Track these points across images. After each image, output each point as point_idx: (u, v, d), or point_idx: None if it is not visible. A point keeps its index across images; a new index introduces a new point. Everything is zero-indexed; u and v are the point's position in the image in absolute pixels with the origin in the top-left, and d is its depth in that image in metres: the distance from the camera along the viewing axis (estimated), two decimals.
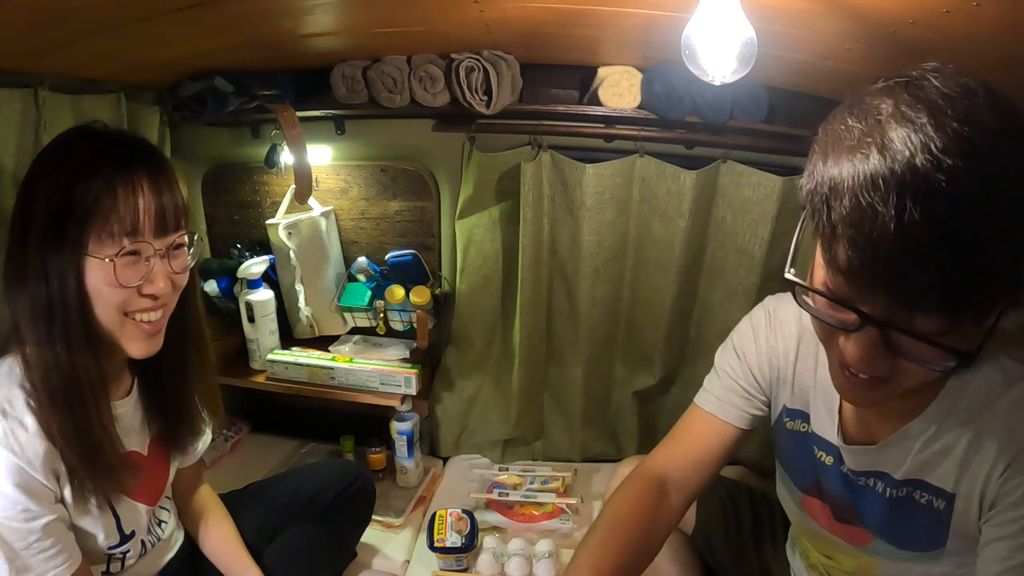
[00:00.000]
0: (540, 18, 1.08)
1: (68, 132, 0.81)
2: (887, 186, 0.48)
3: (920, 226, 0.47)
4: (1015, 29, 0.74)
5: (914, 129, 0.48)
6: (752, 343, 0.89)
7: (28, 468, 0.72)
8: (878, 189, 0.48)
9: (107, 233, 0.74)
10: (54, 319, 0.75)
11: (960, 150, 0.47)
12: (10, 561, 0.72)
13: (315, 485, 1.19)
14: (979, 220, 0.47)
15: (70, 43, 0.97)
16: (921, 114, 0.49)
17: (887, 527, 0.78)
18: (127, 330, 0.80)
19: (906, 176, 0.47)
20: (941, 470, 0.70)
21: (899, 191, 0.47)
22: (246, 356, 1.59)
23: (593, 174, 1.41)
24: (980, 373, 0.67)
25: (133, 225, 0.76)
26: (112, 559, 0.87)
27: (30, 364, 0.75)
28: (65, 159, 0.77)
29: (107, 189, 0.74)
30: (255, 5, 0.98)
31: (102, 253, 0.75)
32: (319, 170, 1.59)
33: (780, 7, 0.87)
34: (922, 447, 0.71)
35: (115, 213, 0.74)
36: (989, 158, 0.47)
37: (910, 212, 0.47)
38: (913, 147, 0.47)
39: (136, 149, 0.80)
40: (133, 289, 0.78)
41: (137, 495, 0.90)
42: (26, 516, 0.72)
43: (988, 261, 0.48)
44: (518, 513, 1.45)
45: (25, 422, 0.73)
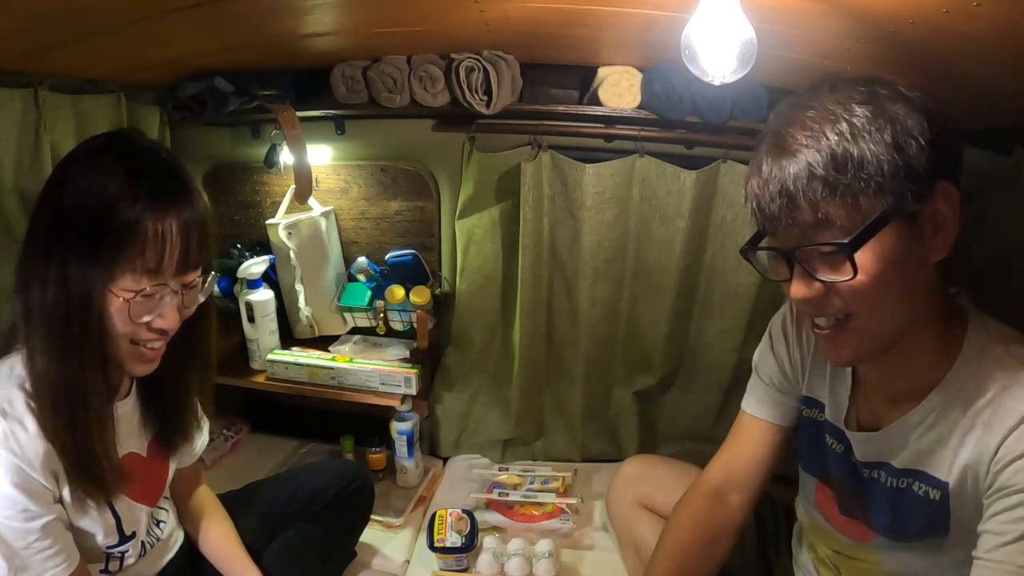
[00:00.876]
0: (540, 18, 1.08)
1: (106, 142, 0.79)
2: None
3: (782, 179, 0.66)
4: (1015, 29, 0.74)
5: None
6: (781, 340, 0.93)
7: (28, 468, 0.72)
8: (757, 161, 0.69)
9: (131, 270, 0.75)
10: (69, 332, 0.74)
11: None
12: (9, 560, 0.72)
13: (315, 485, 1.19)
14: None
15: (70, 43, 0.97)
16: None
17: (889, 521, 0.80)
18: (130, 354, 0.81)
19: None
20: (937, 460, 0.73)
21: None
22: (246, 356, 1.59)
23: (593, 174, 1.41)
24: (983, 368, 0.69)
25: (157, 266, 0.76)
26: (111, 558, 0.87)
27: (37, 370, 0.75)
28: (104, 179, 0.74)
29: (139, 229, 0.74)
30: (255, 5, 0.98)
31: (121, 288, 0.75)
32: (319, 170, 1.59)
33: (780, 7, 0.87)
34: (920, 435, 0.74)
35: (141, 255, 0.74)
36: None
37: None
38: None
39: (176, 185, 0.79)
40: (143, 323, 0.79)
41: (136, 496, 0.90)
42: (25, 516, 0.73)
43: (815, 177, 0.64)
44: (518, 513, 1.45)
45: (25, 423, 0.73)
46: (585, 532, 1.42)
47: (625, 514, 1.27)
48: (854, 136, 0.63)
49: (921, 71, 1.00)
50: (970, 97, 1.08)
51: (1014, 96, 0.97)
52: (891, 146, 0.63)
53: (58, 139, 1.06)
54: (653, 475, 1.28)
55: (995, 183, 1.13)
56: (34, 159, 1.03)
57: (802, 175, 0.64)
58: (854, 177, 0.63)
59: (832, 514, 0.88)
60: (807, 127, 0.66)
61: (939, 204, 0.66)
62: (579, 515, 1.44)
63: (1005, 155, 1.11)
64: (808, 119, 0.66)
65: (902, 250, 0.65)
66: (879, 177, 0.62)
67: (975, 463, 0.69)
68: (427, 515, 1.45)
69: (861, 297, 0.67)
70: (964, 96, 1.08)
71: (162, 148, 0.83)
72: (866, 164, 0.62)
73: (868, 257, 0.65)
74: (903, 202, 0.63)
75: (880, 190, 0.63)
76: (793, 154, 0.65)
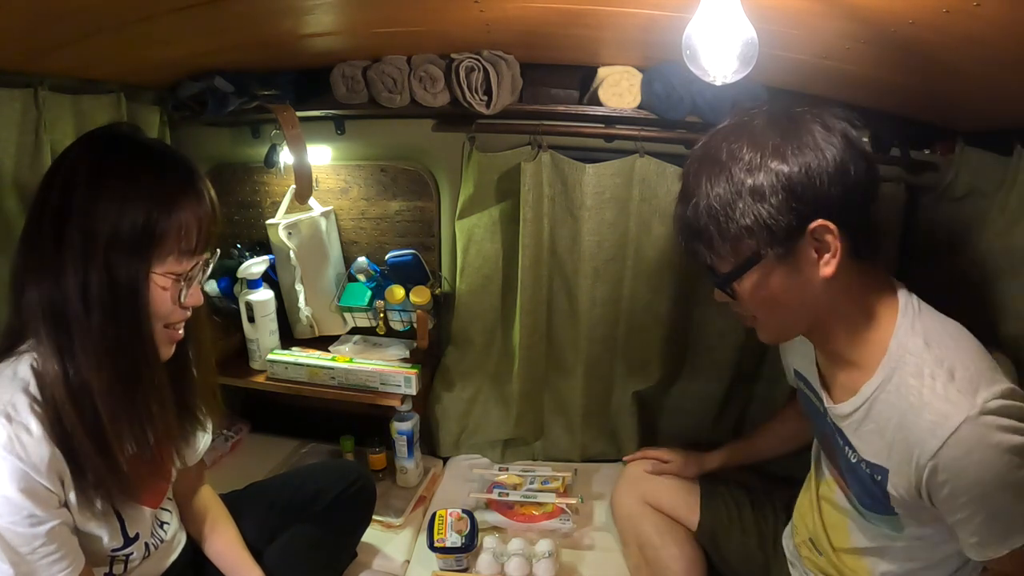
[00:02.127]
0: (540, 18, 1.08)
1: (115, 140, 0.80)
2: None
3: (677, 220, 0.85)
4: (1015, 29, 0.74)
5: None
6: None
7: (33, 473, 0.72)
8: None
9: (173, 252, 0.79)
10: (119, 329, 0.76)
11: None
12: (15, 566, 0.72)
13: (315, 485, 1.19)
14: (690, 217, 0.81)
15: (70, 43, 0.97)
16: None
17: (850, 484, 0.90)
18: (162, 337, 0.84)
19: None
20: (875, 448, 0.82)
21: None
22: (246, 356, 1.59)
23: (593, 174, 1.41)
24: (904, 376, 0.77)
25: (191, 248, 0.81)
26: (115, 561, 0.87)
27: (81, 374, 0.75)
28: (126, 178, 0.76)
29: (180, 212, 0.78)
30: (255, 5, 0.98)
31: (166, 272, 0.79)
32: (319, 170, 1.59)
33: (780, 7, 0.87)
34: (859, 424, 0.84)
35: (186, 236, 0.79)
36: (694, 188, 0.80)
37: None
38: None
39: (188, 165, 0.83)
40: (178, 304, 0.82)
41: (141, 498, 0.90)
42: (31, 521, 0.72)
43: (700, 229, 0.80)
44: (518, 513, 1.45)
45: (30, 426, 0.73)
46: (585, 532, 1.42)
47: (631, 512, 1.28)
48: (732, 195, 0.76)
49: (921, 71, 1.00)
50: (970, 97, 1.08)
51: (1014, 96, 0.97)
52: (754, 206, 0.75)
53: (58, 139, 1.06)
54: (659, 480, 1.29)
55: (995, 183, 1.14)
56: (34, 159, 1.03)
57: (687, 228, 0.82)
58: (726, 229, 0.77)
59: (827, 458, 0.98)
60: (698, 177, 0.79)
61: (812, 240, 0.76)
62: (579, 515, 1.44)
63: (1005, 155, 1.11)
64: (701, 169, 0.80)
65: (781, 278, 0.78)
66: (749, 229, 0.75)
67: (906, 465, 0.77)
68: (427, 515, 1.45)
69: (754, 311, 0.84)
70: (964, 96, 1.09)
71: (141, 132, 0.86)
72: (738, 219, 0.76)
73: (746, 286, 0.80)
74: (773, 245, 0.76)
75: (751, 236, 0.76)
76: (687, 201, 0.81)
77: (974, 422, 0.70)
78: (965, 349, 0.77)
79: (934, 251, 1.35)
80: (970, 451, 0.70)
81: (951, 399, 0.72)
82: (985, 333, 0.85)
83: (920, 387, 0.75)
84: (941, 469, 0.72)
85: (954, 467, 0.71)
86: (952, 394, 0.72)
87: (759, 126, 0.77)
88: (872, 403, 0.81)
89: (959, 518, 0.75)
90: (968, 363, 0.74)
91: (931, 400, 0.73)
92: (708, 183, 0.78)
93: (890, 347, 0.79)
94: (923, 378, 0.75)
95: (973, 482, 0.71)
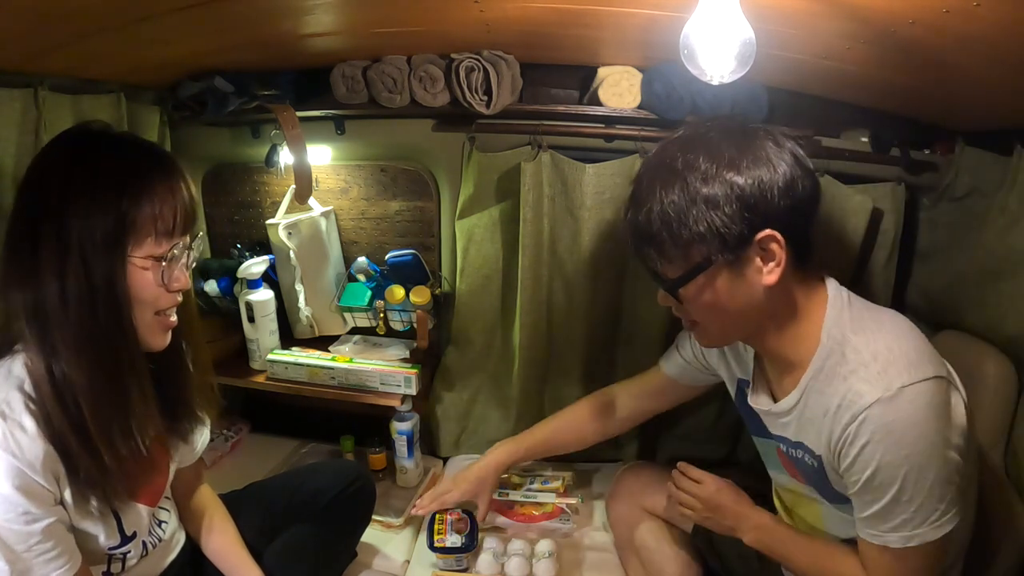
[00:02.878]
0: (540, 18, 1.08)
1: (81, 137, 0.81)
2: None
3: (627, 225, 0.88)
4: (1015, 29, 0.74)
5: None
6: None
7: (28, 471, 0.72)
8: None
9: (150, 234, 0.78)
10: (98, 322, 0.76)
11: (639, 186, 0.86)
12: (11, 564, 0.72)
13: (315, 485, 1.19)
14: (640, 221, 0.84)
15: (70, 43, 0.97)
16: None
17: (807, 478, 0.95)
18: (155, 326, 0.84)
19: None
20: (812, 436, 0.87)
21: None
22: (246, 356, 1.59)
23: (593, 174, 1.41)
24: (833, 365, 0.82)
25: (173, 225, 0.80)
26: (112, 559, 0.87)
27: (63, 370, 0.75)
28: (92, 171, 0.77)
29: (152, 191, 0.78)
30: (255, 5, 0.98)
31: (144, 256, 0.79)
32: (319, 170, 1.59)
33: (780, 7, 0.87)
34: (799, 415, 0.89)
35: (161, 216, 0.79)
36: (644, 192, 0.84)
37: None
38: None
39: (158, 148, 0.85)
40: (164, 287, 0.81)
41: (138, 496, 0.90)
42: (26, 519, 0.72)
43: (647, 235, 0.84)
44: (518, 513, 1.45)
45: (25, 424, 0.73)
46: (585, 532, 1.42)
47: (626, 516, 1.29)
48: (687, 202, 0.79)
49: (921, 71, 1.00)
50: (970, 97, 1.08)
51: (1014, 96, 0.97)
52: (707, 213, 0.78)
53: None
54: (654, 479, 1.29)
55: (995, 183, 1.13)
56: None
57: (638, 233, 0.84)
58: (678, 235, 0.80)
59: (790, 468, 1.00)
60: (652, 185, 0.82)
61: (759, 248, 0.80)
62: (579, 515, 1.44)
63: (1005, 155, 1.11)
64: (656, 176, 0.82)
65: (726, 283, 0.82)
66: (701, 236, 0.79)
67: (827, 444, 0.83)
68: (427, 515, 1.45)
69: (698, 315, 0.87)
70: (964, 96, 1.09)
71: (111, 128, 0.87)
72: (691, 225, 0.79)
73: (692, 291, 0.84)
74: (723, 252, 0.79)
75: (703, 243, 0.79)
76: (640, 207, 0.83)
77: (886, 403, 0.75)
78: (893, 336, 0.80)
79: (934, 251, 1.35)
80: (875, 431, 0.76)
81: (869, 380, 0.77)
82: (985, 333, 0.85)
83: (844, 372, 0.80)
84: (848, 443, 0.79)
85: (858, 442, 0.78)
86: (871, 375, 0.77)
87: (714, 138, 0.81)
88: (807, 394, 0.86)
89: (852, 492, 0.82)
90: (893, 347, 0.78)
91: (852, 382, 0.79)
92: (662, 190, 0.80)
93: (821, 339, 0.84)
94: (847, 363, 0.80)
95: (871, 459, 0.77)
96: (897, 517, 0.79)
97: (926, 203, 1.36)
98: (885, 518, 0.80)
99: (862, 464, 0.78)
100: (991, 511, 0.96)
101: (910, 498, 0.77)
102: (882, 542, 0.81)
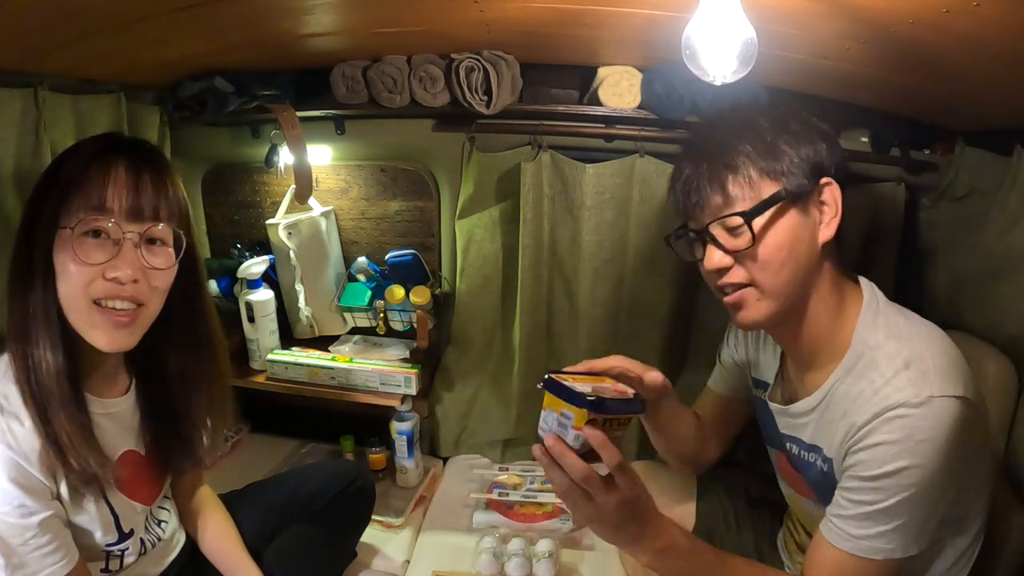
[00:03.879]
0: (540, 18, 1.08)
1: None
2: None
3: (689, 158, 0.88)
4: (1015, 29, 0.74)
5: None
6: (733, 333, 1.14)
7: (24, 463, 0.72)
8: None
9: (75, 208, 0.77)
10: (31, 298, 0.77)
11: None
12: (6, 557, 0.72)
13: (315, 485, 1.19)
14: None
15: (70, 43, 0.97)
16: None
17: (811, 486, 0.93)
18: (94, 318, 0.78)
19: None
20: (828, 438, 0.85)
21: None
22: (246, 356, 1.59)
23: (593, 174, 1.41)
24: (864, 368, 0.80)
25: (100, 203, 0.77)
26: (110, 557, 0.87)
27: (15, 360, 0.77)
28: (62, 155, 0.81)
29: (82, 168, 0.78)
30: (255, 5, 0.98)
31: (66, 224, 0.77)
32: (319, 170, 1.59)
33: (780, 7, 0.87)
34: (819, 415, 0.87)
35: (82, 189, 0.77)
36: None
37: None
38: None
39: (127, 141, 0.84)
40: (97, 271, 0.77)
41: (134, 494, 0.90)
42: (22, 512, 0.72)
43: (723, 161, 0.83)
44: (518, 513, 1.45)
45: (21, 417, 0.73)
46: (585, 532, 1.42)
47: None
48: (771, 133, 0.81)
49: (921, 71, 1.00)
50: (970, 97, 1.08)
51: (1014, 96, 0.97)
52: (790, 143, 0.81)
53: (58, 139, 1.06)
54: (655, 479, 1.28)
55: (995, 183, 1.13)
56: (34, 159, 1.03)
57: (714, 161, 0.82)
58: (756, 163, 0.80)
59: (792, 477, 0.99)
60: (723, 124, 0.86)
61: (824, 195, 0.82)
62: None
63: (1005, 155, 1.11)
64: (726, 119, 0.87)
65: (793, 226, 0.81)
66: (782, 166, 0.80)
67: (840, 442, 0.81)
68: (427, 515, 1.45)
69: (761, 266, 0.82)
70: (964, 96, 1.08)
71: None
72: (778, 153, 0.80)
73: (762, 224, 0.81)
74: (795, 187, 0.80)
75: (776, 176, 0.80)
76: (720, 134, 0.84)
77: (912, 409, 0.73)
78: (927, 346, 0.79)
79: (934, 251, 1.35)
80: (894, 433, 0.74)
81: (898, 386, 0.75)
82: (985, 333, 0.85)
83: (874, 377, 0.78)
84: (861, 439, 0.77)
85: (873, 439, 0.75)
86: (901, 381, 0.75)
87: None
88: (831, 395, 0.84)
89: (844, 486, 0.80)
90: (927, 358, 0.76)
91: (880, 385, 0.77)
92: (743, 125, 0.83)
93: (852, 342, 0.83)
94: (877, 368, 0.78)
95: (881, 460, 0.75)
96: (881, 526, 0.76)
97: (926, 203, 1.36)
98: (867, 523, 0.77)
99: (870, 462, 0.76)
100: (991, 511, 0.96)
101: (901, 512, 0.75)
102: (851, 547, 0.77)
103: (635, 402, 0.81)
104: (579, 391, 0.74)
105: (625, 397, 0.80)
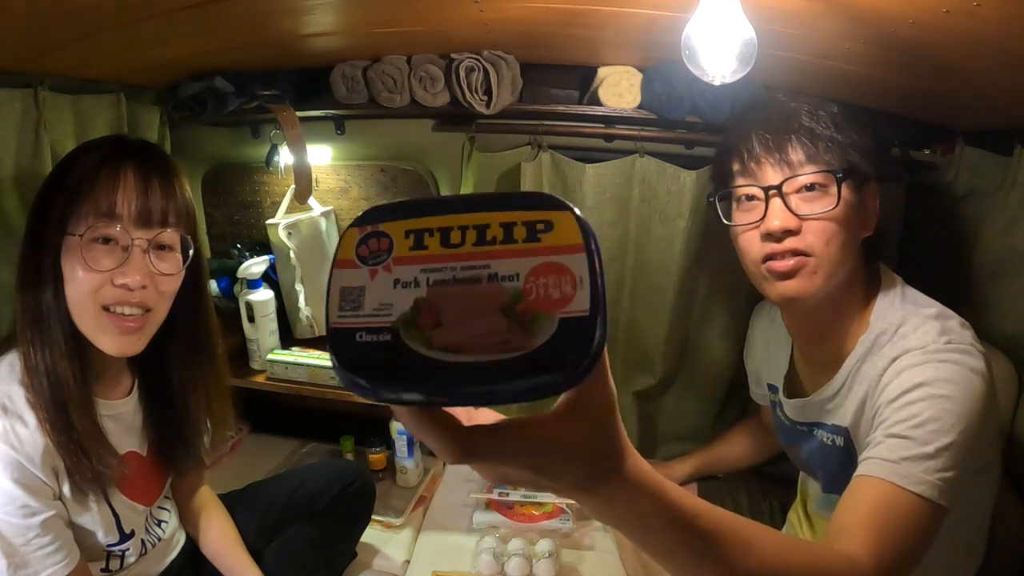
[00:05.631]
0: (540, 18, 1.08)
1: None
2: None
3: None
4: (1015, 29, 0.74)
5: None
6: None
7: (27, 464, 0.72)
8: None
9: (83, 214, 0.77)
10: (42, 308, 0.77)
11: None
12: (8, 557, 0.72)
13: (315, 485, 1.19)
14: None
15: (70, 43, 0.97)
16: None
17: (821, 472, 0.96)
18: (103, 323, 0.78)
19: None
20: (842, 410, 0.88)
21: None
22: (246, 356, 1.59)
23: (593, 174, 1.41)
24: (885, 335, 0.83)
25: (109, 209, 0.77)
26: (111, 557, 0.87)
27: (24, 360, 0.77)
28: (68, 158, 0.81)
29: (90, 172, 0.77)
30: (255, 5, 0.98)
31: (75, 231, 0.77)
32: (319, 170, 1.59)
33: (780, 7, 0.87)
34: (844, 397, 0.88)
35: (94, 199, 0.77)
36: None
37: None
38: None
39: (133, 144, 0.83)
40: (106, 277, 0.77)
41: (134, 495, 0.90)
42: (25, 512, 0.72)
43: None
44: (518, 513, 1.45)
45: (25, 418, 0.73)
46: (585, 532, 1.42)
47: None
48: (833, 111, 0.87)
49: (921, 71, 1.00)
50: (970, 97, 1.08)
51: (1014, 96, 0.97)
52: (860, 129, 0.86)
53: (58, 139, 1.06)
54: None
55: (995, 183, 1.13)
56: (34, 159, 1.03)
57: (804, 120, 0.85)
58: (843, 131, 0.84)
59: (813, 470, 1.01)
60: (796, 99, 0.89)
61: (869, 194, 0.87)
62: (579, 515, 1.44)
63: (1005, 155, 1.11)
64: (799, 96, 0.91)
65: (855, 205, 0.84)
66: (856, 140, 0.84)
67: (863, 399, 0.83)
68: (427, 515, 1.45)
69: (826, 237, 0.82)
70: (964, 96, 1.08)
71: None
72: (851, 129, 0.85)
73: (844, 193, 0.82)
74: (867, 169, 0.85)
75: (856, 151, 0.84)
76: (795, 110, 0.86)
77: (934, 351, 0.76)
78: (949, 314, 0.82)
79: (934, 251, 1.35)
80: (913, 360, 0.77)
81: (919, 335, 0.79)
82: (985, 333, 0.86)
83: (895, 340, 0.81)
84: (886, 381, 0.78)
85: (895, 370, 0.78)
86: (921, 333, 0.79)
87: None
88: (855, 374, 0.86)
89: (877, 423, 0.77)
90: (947, 326, 0.80)
91: (903, 343, 0.80)
92: (816, 102, 0.88)
93: (871, 321, 0.86)
94: (897, 335, 0.82)
95: (902, 383, 0.76)
96: (916, 447, 0.71)
97: (926, 203, 1.36)
98: (903, 444, 0.72)
99: (894, 387, 0.76)
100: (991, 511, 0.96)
101: (932, 432, 0.71)
102: (887, 472, 0.71)
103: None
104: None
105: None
